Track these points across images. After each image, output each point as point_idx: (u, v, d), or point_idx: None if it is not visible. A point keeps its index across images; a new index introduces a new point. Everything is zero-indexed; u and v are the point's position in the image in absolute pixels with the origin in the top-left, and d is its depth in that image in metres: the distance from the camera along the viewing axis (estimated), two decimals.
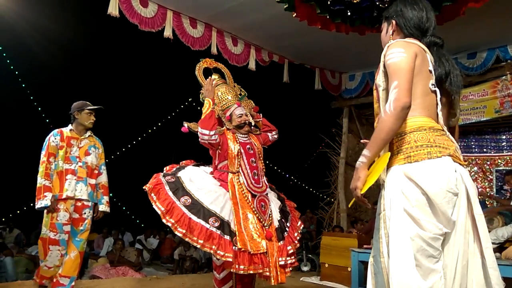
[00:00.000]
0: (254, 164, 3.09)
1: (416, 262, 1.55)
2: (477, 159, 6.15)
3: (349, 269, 4.85)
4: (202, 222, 2.63)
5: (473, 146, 6.25)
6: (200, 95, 3.36)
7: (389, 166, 1.70)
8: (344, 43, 5.50)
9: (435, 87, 1.70)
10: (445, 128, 1.71)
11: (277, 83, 6.45)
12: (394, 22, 1.85)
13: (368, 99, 7.30)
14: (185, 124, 3.25)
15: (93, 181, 3.75)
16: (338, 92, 7.37)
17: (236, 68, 5.81)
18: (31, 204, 8.56)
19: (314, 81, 6.84)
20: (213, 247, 2.60)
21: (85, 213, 3.64)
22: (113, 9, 4.34)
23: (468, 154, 6.26)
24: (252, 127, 3.31)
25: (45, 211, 3.48)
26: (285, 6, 4.09)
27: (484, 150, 6.12)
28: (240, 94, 3.53)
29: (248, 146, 3.13)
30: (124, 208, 9.51)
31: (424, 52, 1.73)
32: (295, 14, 4.13)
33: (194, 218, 2.63)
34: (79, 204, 3.61)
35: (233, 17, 5.18)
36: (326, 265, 5.50)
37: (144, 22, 4.61)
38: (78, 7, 6.64)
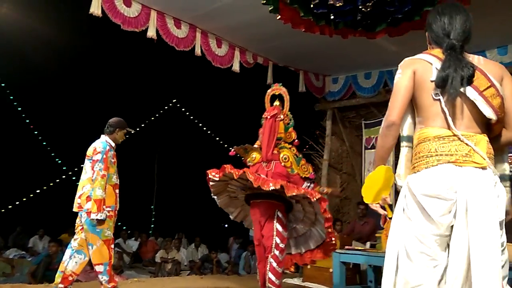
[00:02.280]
0: None
1: (409, 259, 1.72)
2: None
3: (330, 270, 4.87)
4: None
5: None
6: (262, 119, 3.92)
7: None
8: (328, 46, 5.55)
9: (438, 95, 1.74)
10: (458, 133, 1.70)
11: (261, 85, 6.46)
12: (427, 34, 1.95)
13: (350, 102, 7.38)
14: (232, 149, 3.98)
15: None
16: (321, 95, 7.43)
17: (220, 70, 5.81)
18: (9, 206, 8.33)
19: (298, 83, 6.89)
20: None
21: None
22: (95, 9, 4.28)
23: None
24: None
25: (108, 216, 3.65)
26: (270, 8, 4.10)
27: None
28: (288, 124, 4.00)
29: None
30: None
31: (429, 64, 1.78)
32: (279, 16, 4.15)
33: None
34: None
35: (217, 18, 5.18)
36: (308, 266, 5.51)
37: (127, 22, 4.56)
38: (60, 5, 6.53)
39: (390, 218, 1.84)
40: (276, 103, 3.92)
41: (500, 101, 1.74)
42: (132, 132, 4.09)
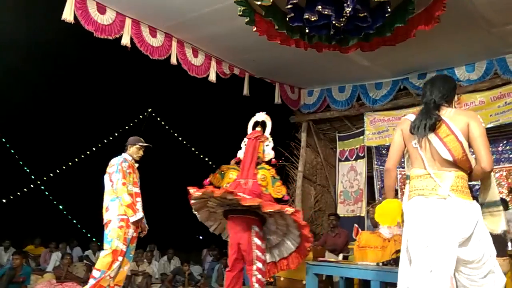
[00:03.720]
0: None
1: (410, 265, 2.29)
2: None
3: (303, 282, 4.86)
4: None
5: None
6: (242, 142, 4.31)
7: None
8: (303, 59, 5.63)
9: (416, 144, 2.32)
10: (430, 171, 2.26)
11: (237, 95, 6.47)
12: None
13: (325, 114, 7.48)
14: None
15: None
16: (297, 107, 7.50)
17: (196, 80, 5.78)
18: None
19: (274, 95, 6.93)
20: None
21: (138, 233, 4.05)
22: (67, 15, 4.19)
23: None
24: None
25: (118, 226, 3.79)
26: (246, 20, 4.12)
27: None
28: (267, 145, 4.32)
29: None
30: (74, 221, 9.10)
31: (410, 122, 2.36)
32: (255, 28, 4.18)
33: None
34: (137, 224, 3.97)
35: (194, 28, 5.17)
36: (282, 279, 5.49)
37: (101, 29, 4.48)
38: (31, 10, 6.37)
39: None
40: (258, 128, 4.33)
41: (459, 146, 2.21)
42: (149, 146, 4.29)
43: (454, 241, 2.12)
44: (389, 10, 3.54)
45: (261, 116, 4.44)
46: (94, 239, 8.79)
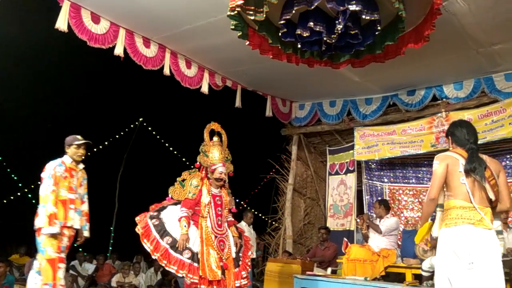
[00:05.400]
0: (220, 212, 4.02)
1: (450, 284, 2.67)
2: (414, 190, 6.51)
3: None
4: (179, 256, 3.64)
5: (411, 177, 6.62)
6: (201, 147, 4.28)
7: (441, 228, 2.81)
8: (295, 73, 5.69)
9: (463, 181, 2.70)
10: (476, 205, 2.65)
11: (229, 107, 6.51)
12: (450, 138, 2.92)
13: (316, 128, 7.54)
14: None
15: (81, 210, 4.02)
16: (288, 120, 7.55)
17: (189, 91, 5.80)
18: None
19: (266, 108, 6.98)
20: (185, 271, 3.59)
21: (70, 243, 3.88)
22: (61, 24, 4.20)
23: (406, 185, 6.64)
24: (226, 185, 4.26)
25: (48, 235, 3.64)
26: (238, 34, 4.17)
27: (421, 181, 6.49)
28: (227, 157, 4.34)
29: (217, 198, 4.06)
30: None
31: (457, 159, 2.74)
32: (248, 42, 4.22)
33: (172, 252, 3.64)
34: (72, 233, 3.87)
35: (187, 40, 5.20)
36: None
37: (94, 38, 4.49)
38: (25, 18, 6.36)
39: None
40: (215, 138, 4.30)
41: (497, 189, 2.72)
42: (88, 143, 4.08)
43: (500, 262, 2.59)
44: (379, 28, 3.61)
45: (216, 126, 4.40)
46: (80, 249, 8.66)
